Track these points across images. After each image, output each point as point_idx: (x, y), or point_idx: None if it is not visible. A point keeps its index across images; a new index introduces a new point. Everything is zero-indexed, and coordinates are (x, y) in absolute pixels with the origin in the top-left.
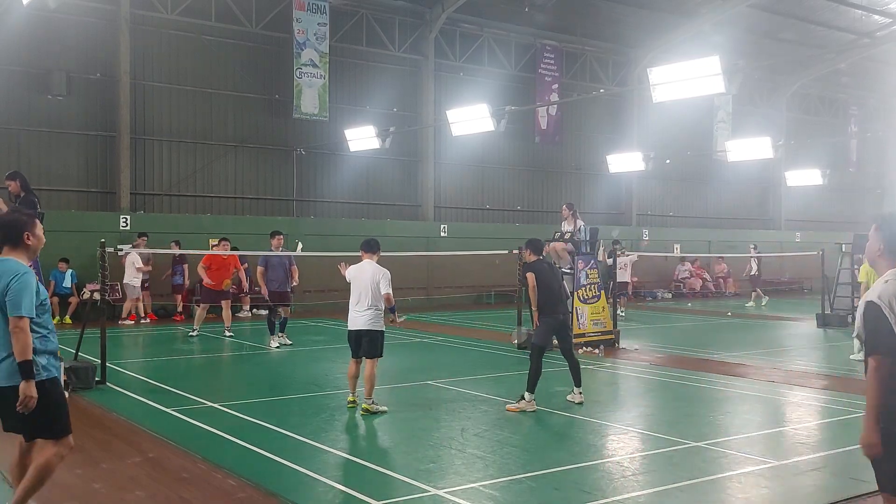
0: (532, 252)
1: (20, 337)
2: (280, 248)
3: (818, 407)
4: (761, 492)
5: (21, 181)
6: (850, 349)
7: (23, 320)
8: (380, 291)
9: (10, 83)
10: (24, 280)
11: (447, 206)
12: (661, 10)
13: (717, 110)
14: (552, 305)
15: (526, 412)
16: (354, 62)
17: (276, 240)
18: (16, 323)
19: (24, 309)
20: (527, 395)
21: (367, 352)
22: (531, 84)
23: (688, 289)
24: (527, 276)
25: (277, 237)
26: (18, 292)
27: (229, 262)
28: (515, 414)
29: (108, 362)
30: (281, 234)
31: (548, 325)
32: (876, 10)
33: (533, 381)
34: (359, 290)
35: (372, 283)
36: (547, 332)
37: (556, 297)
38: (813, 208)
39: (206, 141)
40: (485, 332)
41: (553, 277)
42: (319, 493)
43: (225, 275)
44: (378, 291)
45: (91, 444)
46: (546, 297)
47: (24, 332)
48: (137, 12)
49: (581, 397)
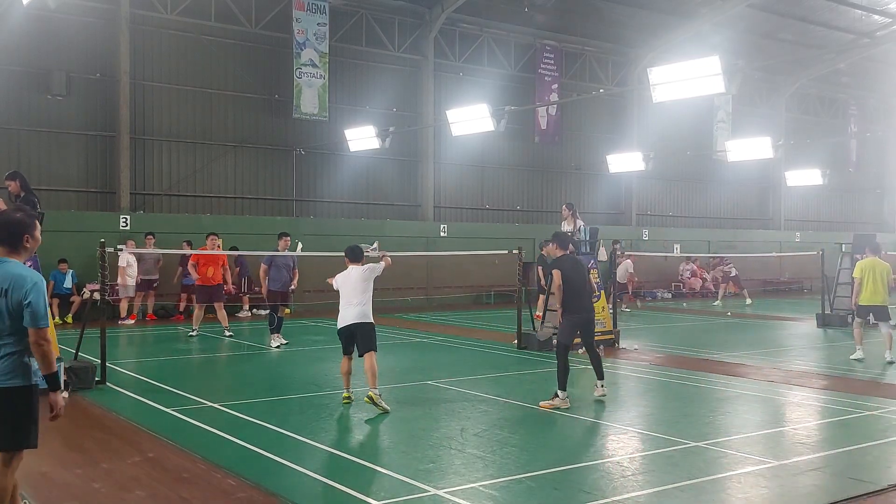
0: (559, 246)
1: (46, 349)
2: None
3: (818, 407)
4: (761, 492)
5: (21, 181)
6: (850, 349)
7: (45, 331)
8: (368, 287)
9: (10, 83)
10: (40, 288)
11: (447, 206)
12: (661, 11)
13: (716, 110)
14: (577, 303)
15: (560, 409)
16: (354, 62)
17: (283, 241)
18: (41, 335)
19: (45, 319)
20: (560, 392)
21: (362, 347)
22: (531, 84)
23: (688, 289)
24: (553, 272)
25: (285, 238)
26: (39, 302)
27: (217, 258)
28: (515, 414)
29: (108, 362)
30: (288, 235)
31: (572, 322)
32: (876, 10)
33: (562, 379)
34: (347, 292)
35: (359, 281)
36: (571, 330)
37: (580, 294)
38: (813, 208)
39: (205, 141)
40: (484, 332)
41: (578, 273)
42: (319, 493)
43: (215, 270)
44: (367, 287)
45: (91, 444)
46: (570, 294)
47: (49, 342)
48: (137, 12)
49: (604, 390)
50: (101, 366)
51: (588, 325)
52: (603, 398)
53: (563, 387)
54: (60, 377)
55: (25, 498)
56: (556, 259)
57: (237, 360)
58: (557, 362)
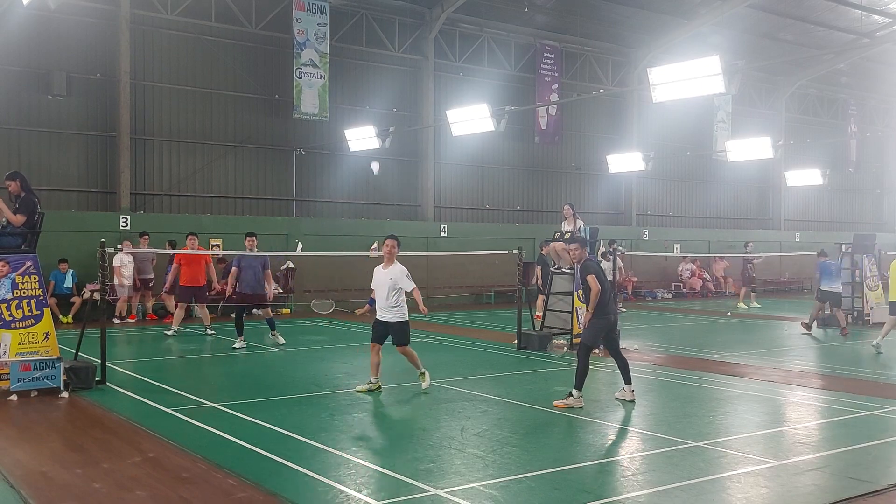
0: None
1: None
2: (253, 250)
3: (818, 407)
4: (761, 492)
5: (21, 181)
6: (850, 349)
7: None
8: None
9: (10, 83)
10: None
11: (447, 206)
12: (661, 11)
13: (716, 110)
14: (605, 305)
15: (574, 409)
16: (354, 62)
17: (248, 241)
18: None
19: None
20: (574, 392)
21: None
22: (531, 84)
23: (688, 289)
24: (588, 279)
25: (249, 238)
26: None
27: (199, 257)
28: (515, 414)
29: (108, 362)
30: (254, 235)
31: (600, 325)
32: (876, 10)
33: (581, 379)
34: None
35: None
36: (599, 332)
37: (608, 297)
38: (813, 208)
39: (205, 141)
40: (485, 332)
41: (605, 276)
42: (319, 493)
43: (198, 270)
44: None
45: (91, 444)
46: (603, 297)
47: None
48: (137, 12)
49: (632, 395)
50: (101, 366)
51: (614, 328)
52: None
53: (579, 386)
54: (60, 377)
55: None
56: (588, 263)
57: (237, 360)
58: (579, 362)
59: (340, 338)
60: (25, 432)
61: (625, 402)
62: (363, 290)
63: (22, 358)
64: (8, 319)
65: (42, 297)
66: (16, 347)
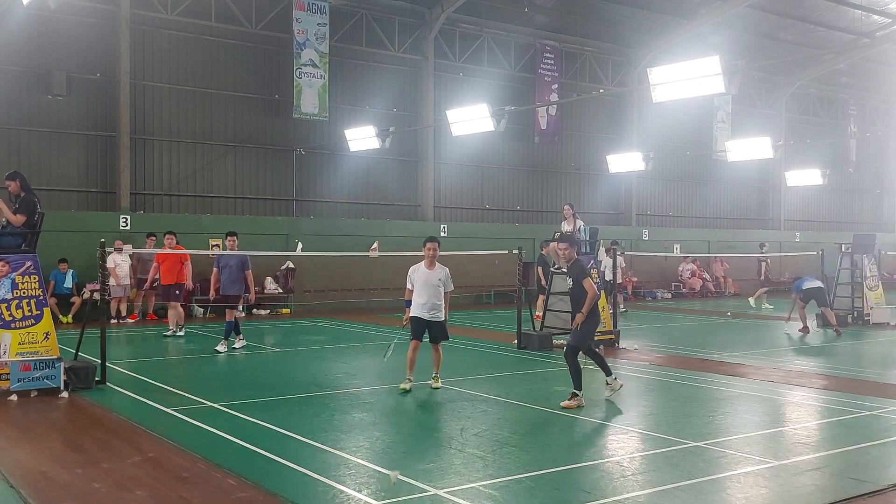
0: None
1: None
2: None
3: (818, 407)
4: (761, 492)
5: (21, 181)
6: (850, 349)
7: None
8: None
9: (10, 83)
10: None
11: (447, 206)
12: (661, 11)
13: (716, 110)
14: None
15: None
16: (354, 62)
17: (227, 241)
18: None
19: None
20: (577, 392)
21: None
22: (531, 84)
23: (688, 289)
24: (584, 283)
25: (229, 238)
26: None
27: (177, 257)
28: (515, 414)
29: (107, 362)
30: (234, 234)
31: (594, 326)
32: (875, 10)
33: (578, 380)
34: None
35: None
36: (589, 335)
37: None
38: (813, 208)
39: (205, 141)
40: (485, 332)
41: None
42: (319, 493)
43: (175, 269)
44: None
45: (91, 443)
46: None
47: None
48: (137, 12)
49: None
50: (101, 366)
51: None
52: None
53: (579, 387)
54: (60, 377)
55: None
56: (576, 264)
57: (237, 361)
58: (570, 366)
59: (340, 338)
60: (25, 432)
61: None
62: (363, 290)
63: (22, 358)
64: (8, 319)
65: (42, 297)
66: (16, 347)
